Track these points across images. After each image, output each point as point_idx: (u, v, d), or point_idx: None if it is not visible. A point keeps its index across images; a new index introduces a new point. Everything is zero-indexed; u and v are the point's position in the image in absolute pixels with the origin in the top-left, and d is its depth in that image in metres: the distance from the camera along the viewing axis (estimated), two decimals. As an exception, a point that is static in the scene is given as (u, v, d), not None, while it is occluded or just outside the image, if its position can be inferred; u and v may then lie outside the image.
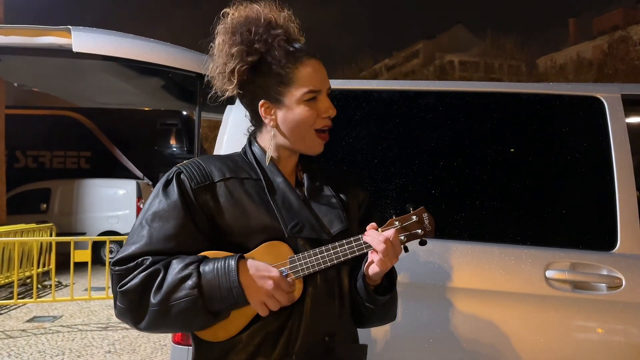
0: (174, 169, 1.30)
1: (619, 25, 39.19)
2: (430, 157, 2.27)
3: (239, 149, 1.42)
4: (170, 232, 1.20)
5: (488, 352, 2.00)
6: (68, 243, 6.93)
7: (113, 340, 5.63)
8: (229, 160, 1.35)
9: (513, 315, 2.00)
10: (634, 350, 1.93)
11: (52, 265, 7.31)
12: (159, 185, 1.28)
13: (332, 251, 1.21)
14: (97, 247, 10.42)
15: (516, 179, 2.22)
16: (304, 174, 1.38)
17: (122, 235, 10.59)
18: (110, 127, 13.87)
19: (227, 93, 1.33)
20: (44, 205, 11.82)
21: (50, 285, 7.32)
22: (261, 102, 1.31)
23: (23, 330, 5.99)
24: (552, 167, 2.25)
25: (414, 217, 1.26)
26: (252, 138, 1.41)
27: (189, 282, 1.13)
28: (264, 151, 1.35)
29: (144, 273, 1.15)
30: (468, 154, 2.27)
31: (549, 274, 2.00)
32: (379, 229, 1.25)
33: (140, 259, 1.18)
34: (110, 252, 10.34)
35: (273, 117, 1.32)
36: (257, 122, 1.38)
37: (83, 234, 11.28)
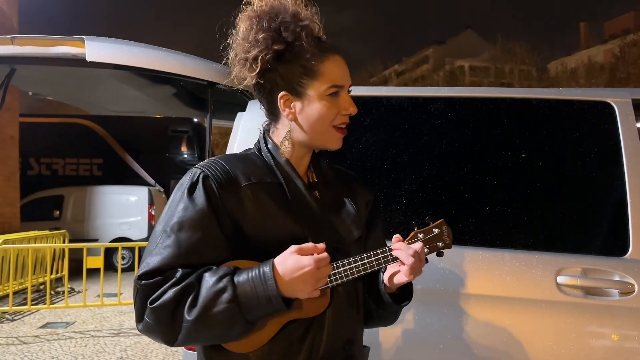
0: (197, 170, 1.22)
1: (630, 29, 38.92)
2: (441, 162, 2.27)
3: None
4: (198, 242, 1.15)
5: (499, 358, 1.99)
6: (81, 249, 6.99)
7: (125, 347, 5.66)
8: (249, 161, 1.29)
9: (524, 321, 1.99)
10: (647, 356, 1.92)
11: (65, 272, 7.37)
12: (183, 188, 1.20)
13: (359, 263, 1.21)
14: (110, 253, 10.49)
15: (527, 184, 2.22)
16: (316, 175, 1.35)
17: (134, 241, 10.66)
18: (122, 134, 14.00)
19: (247, 82, 1.28)
20: (57, 212, 11.94)
21: (63, 292, 7.38)
22: (281, 93, 1.26)
23: (36, 336, 6.05)
24: (563, 172, 2.24)
25: (435, 229, 1.26)
26: (266, 135, 1.34)
27: (225, 295, 1.08)
28: (278, 148, 1.30)
29: (176, 288, 1.09)
30: (479, 160, 2.27)
31: (560, 279, 1.99)
32: (405, 242, 1.24)
33: (168, 272, 1.12)
34: (122, 258, 10.40)
35: (292, 110, 1.27)
36: (273, 115, 1.32)
37: (95, 240, 11.37)
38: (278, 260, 1.13)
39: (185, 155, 14.78)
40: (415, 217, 2.16)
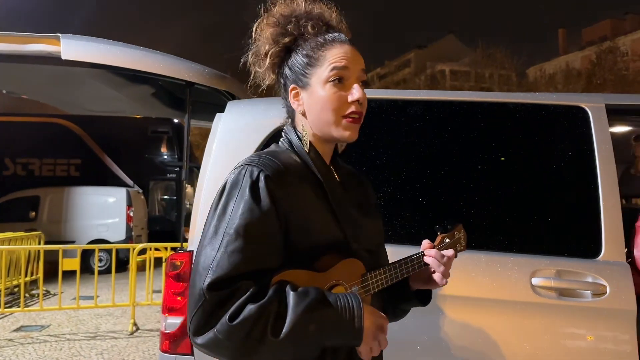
0: (254, 169, 1.14)
1: (607, 36, 39.70)
2: (420, 165, 2.28)
3: (228, 158, 1.35)
4: (266, 248, 1.10)
5: (475, 358, 2.01)
6: (56, 251, 6.86)
7: (101, 350, 5.57)
8: (290, 158, 1.23)
9: (500, 322, 2.01)
10: (618, 356, 1.95)
11: (40, 274, 7.23)
12: (240, 186, 1.13)
13: (398, 269, 1.26)
14: (86, 255, 10.32)
15: (503, 187, 2.24)
16: (338, 175, 1.32)
17: (112, 243, 10.51)
18: (100, 134, 13.79)
19: (267, 80, 1.29)
20: (33, 213, 11.72)
21: (38, 294, 7.24)
22: (291, 86, 1.26)
23: (10, 340, 5.92)
24: (539, 175, 2.27)
25: (456, 233, 1.34)
26: (297, 132, 1.28)
27: (315, 325, 1.05)
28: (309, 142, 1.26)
29: (257, 304, 1.03)
30: (456, 163, 2.29)
31: (535, 281, 2.01)
32: (435, 247, 1.30)
33: (238, 284, 1.05)
34: (100, 260, 10.26)
35: (301, 103, 1.25)
36: (292, 112, 1.30)
37: (72, 242, 11.18)
38: (338, 282, 1.15)
39: (165, 157, 14.64)
40: (393, 218, 2.17)
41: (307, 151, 1.24)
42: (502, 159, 2.28)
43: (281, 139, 1.31)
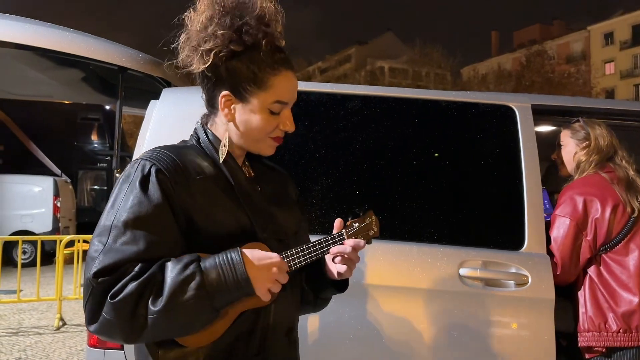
0: (146, 162, 1.17)
1: (536, 40, 41.77)
2: (355, 159, 2.32)
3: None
4: (156, 239, 1.11)
5: (405, 346, 2.07)
6: (-25, 243, 6.45)
7: (24, 346, 5.30)
8: (192, 153, 1.25)
9: (429, 311, 2.09)
10: (539, 342, 2.07)
11: (-43, 267, 6.78)
12: (131, 180, 1.15)
13: (312, 249, 1.25)
14: (9, 247, 9.74)
15: (434, 181, 2.32)
16: (252, 170, 1.36)
17: (37, 234, 10.01)
18: (26, 120, 13.01)
19: (192, 68, 1.26)
20: (-49, 202, 10.95)
21: (-46, 289, 6.79)
22: (224, 92, 1.24)
23: None
24: (468, 170, 2.37)
25: (367, 220, 1.34)
26: (206, 127, 1.31)
27: (193, 283, 1.06)
28: (219, 140, 1.28)
29: (138, 280, 1.05)
30: (390, 157, 2.34)
31: (463, 271, 2.10)
32: (344, 230, 1.30)
33: (126, 266, 1.07)
34: (24, 252, 9.72)
35: (232, 112, 1.25)
36: (213, 109, 1.30)
37: (-7, 233, 10.54)
38: (245, 249, 1.14)
39: (96, 145, 14.06)
40: (331, 211, 2.19)
41: (221, 158, 1.26)
42: (435, 154, 2.35)
43: (191, 135, 1.34)
